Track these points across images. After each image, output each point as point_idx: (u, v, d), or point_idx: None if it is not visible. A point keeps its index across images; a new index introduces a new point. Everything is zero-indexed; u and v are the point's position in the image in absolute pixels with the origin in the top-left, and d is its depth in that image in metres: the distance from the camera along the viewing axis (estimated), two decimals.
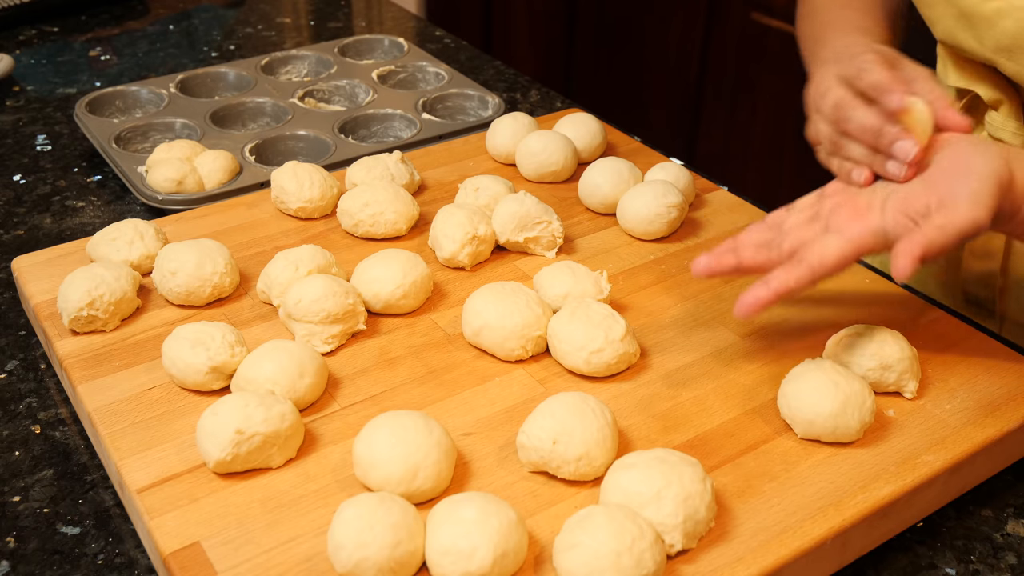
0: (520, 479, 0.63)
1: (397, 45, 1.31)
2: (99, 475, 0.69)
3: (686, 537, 0.57)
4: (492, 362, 0.73)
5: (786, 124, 2.09)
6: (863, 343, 0.69)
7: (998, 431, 0.67)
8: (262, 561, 0.57)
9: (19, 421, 0.73)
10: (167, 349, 0.69)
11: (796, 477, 0.63)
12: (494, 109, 1.14)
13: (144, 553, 0.63)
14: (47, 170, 1.06)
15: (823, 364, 0.67)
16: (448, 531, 0.55)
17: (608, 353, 0.70)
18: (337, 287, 0.73)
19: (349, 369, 0.72)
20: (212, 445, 0.61)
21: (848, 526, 0.60)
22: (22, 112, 1.19)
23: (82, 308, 0.73)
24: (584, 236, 0.88)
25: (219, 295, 0.78)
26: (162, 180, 0.95)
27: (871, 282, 0.82)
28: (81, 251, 0.83)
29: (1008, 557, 0.64)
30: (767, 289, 0.63)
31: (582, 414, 0.62)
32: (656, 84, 2.37)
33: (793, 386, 0.66)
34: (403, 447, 0.60)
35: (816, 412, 0.64)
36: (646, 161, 0.98)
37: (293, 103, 1.14)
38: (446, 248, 0.82)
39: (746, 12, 2.09)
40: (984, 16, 0.73)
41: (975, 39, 0.75)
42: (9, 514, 0.66)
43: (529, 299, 0.73)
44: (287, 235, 0.87)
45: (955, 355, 0.73)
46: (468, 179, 0.90)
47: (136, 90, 1.16)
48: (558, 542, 0.56)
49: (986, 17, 0.73)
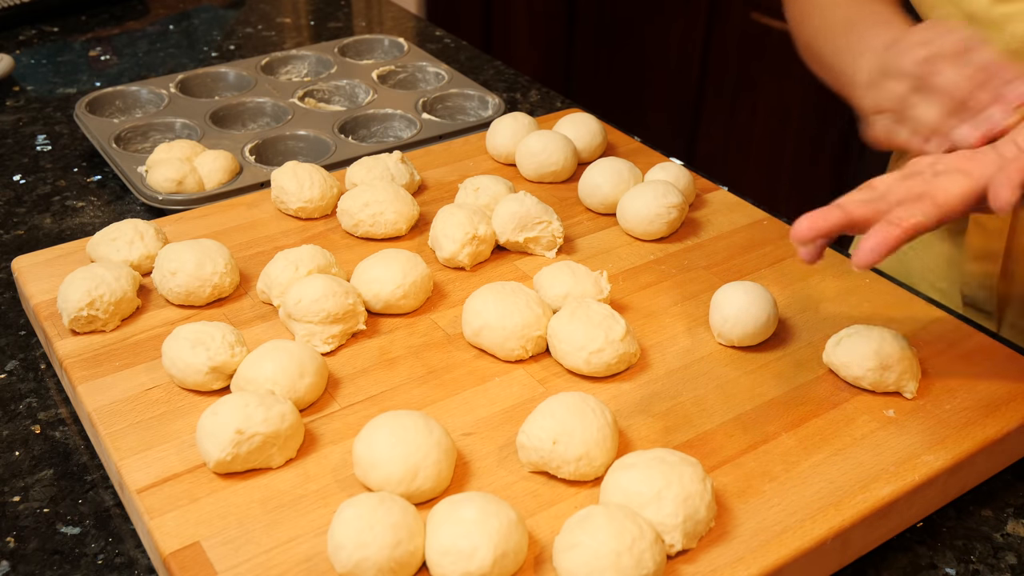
0: (520, 479, 0.63)
1: (397, 45, 1.31)
2: (99, 475, 0.69)
3: (686, 537, 0.57)
4: (492, 362, 0.73)
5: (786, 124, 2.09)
6: (863, 343, 0.69)
7: (998, 431, 0.67)
8: (262, 561, 0.57)
9: (19, 421, 0.73)
10: (167, 349, 0.69)
11: (796, 477, 0.63)
12: (494, 109, 1.14)
13: (144, 553, 0.63)
14: (47, 170, 1.06)
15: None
16: (448, 531, 0.55)
17: (608, 353, 0.70)
18: (337, 287, 0.73)
19: (349, 369, 0.72)
20: (212, 445, 0.61)
21: (848, 526, 0.60)
22: (22, 112, 1.19)
23: (82, 308, 0.73)
24: (584, 236, 0.88)
25: (219, 295, 0.78)
26: (162, 180, 0.95)
27: (871, 282, 0.82)
28: (81, 251, 0.83)
29: (1008, 557, 0.64)
30: (895, 228, 0.56)
31: (582, 414, 0.62)
32: (656, 84, 2.38)
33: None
34: (403, 447, 0.60)
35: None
36: (646, 161, 0.98)
37: (293, 103, 1.14)
38: (446, 248, 0.82)
39: (746, 12, 2.09)
40: (993, 20, 0.73)
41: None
42: (9, 514, 0.66)
43: (529, 299, 0.73)
44: (287, 235, 0.87)
45: (955, 355, 0.73)
46: (468, 179, 0.90)
47: (136, 90, 1.16)
48: (558, 542, 0.56)
49: (995, 21, 0.73)
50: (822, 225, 0.58)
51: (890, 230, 0.56)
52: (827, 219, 0.58)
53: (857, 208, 0.58)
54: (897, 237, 0.56)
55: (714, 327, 0.74)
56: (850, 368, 0.69)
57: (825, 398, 0.69)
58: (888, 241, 0.56)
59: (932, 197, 0.57)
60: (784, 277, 0.82)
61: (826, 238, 0.59)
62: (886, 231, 0.56)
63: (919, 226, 0.57)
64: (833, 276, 0.82)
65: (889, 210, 0.58)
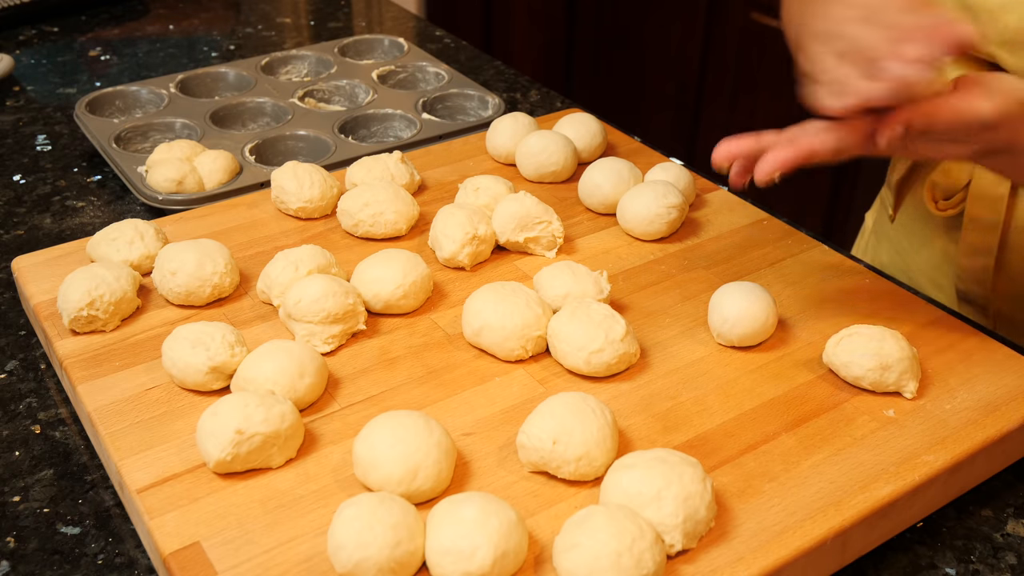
0: (520, 479, 0.63)
1: (397, 45, 1.31)
2: (99, 475, 0.69)
3: (686, 537, 0.57)
4: (492, 362, 0.73)
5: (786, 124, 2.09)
6: (863, 343, 0.69)
7: (998, 431, 0.67)
8: (262, 561, 0.57)
9: (19, 421, 0.73)
10: (167, 349, 0.69)
11: (796, 477, 0.63)
12: (494, 109, 1.14)
13: (144, 553, 0.63)
14: (47, 170, 1.06)
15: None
16: (448, 531, 0.55)
17: (608, 353, 0.70)
18: (337, 287, 0.73)
19: (349, 369, 0.72)
20: (212, 445, 0.61)
21: (848, 526, 0.60)
22: (22, 112, 1.19)
23: (82, 308, 0.73)
24: (584, 236, 0.88)
25: (219, 295, 0.78)
26: (162, 180, 0.95)
27: (871, 282, 0.82)
28: (81, 251, 0.83)
29: (1008, 557, 0.64)
30: (791, 146, 0.62)
31: (582, 414, 0.62)
32: (656, 84, 2.37)
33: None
34: (403, 447, 0.60)
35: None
36: (646, 161, 0.98)
37: (293, 103, 1.14)
38: (446, 248, 0.82)
39: (746, 12, 2.09)
40: (988, 9, 0.73)
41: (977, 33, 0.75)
42: (9, 514, 0.66)
43: (529, 299, 0.73)
44: (287, 235, 0.87)
45: (955, 355, 0.73)
46: (468, 179, 0.90)
47: (136, 90, 1.16)
48: (558, 542, 0.56)
49: (990, 11, 0.73)
50: (735, 148, 0.65)
51: (786, 149, 0.62)
52: (739, 143, 0.65)
53: (768, 135, 0.65)
54: (790, 156, 0.62)
55: (714, 327, 0.74)
56: (850, 368, 0.69)
57: (825, 398, 0.69)
58: (781, 159, 0.62)
59: (836, 129, 0.62)
60: (784, 277, 0.82)
61: (744, 160, 0.66)
62: (784, 150, 0.62)
63: (811, 147, 0.62)
64: (833, 276, 0.82)
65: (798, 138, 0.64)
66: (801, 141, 0.63)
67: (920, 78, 0.60)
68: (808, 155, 0.63)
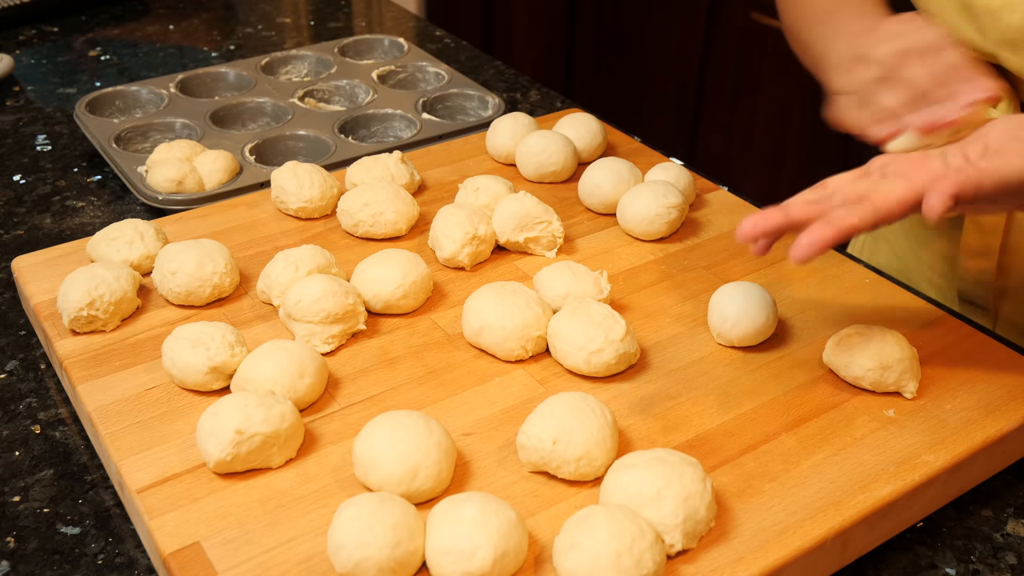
0: (520, 479, 0.63)
1: (397, 45, 1.31)
2: (99, 475, 0.69)
3: (686, 537, 0.57)
4: (492, 362, 0.73)
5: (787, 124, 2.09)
6: (863, 343, 0.69)
7: (998, 431, 0.67)
8: (262, 561, 0.57)
9: (19, 421, 0.73)
10: (167, 349, 0.69)
11: (796, 477, 0.63)
12: (494, 109, 1.14)
13: (144, 553, 0.63)
14: (47, 170, 1.06)
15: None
16: (448, 531, 0.55)
17: (608, 353, 0.70)
18: (337, 287, 0.73)
19: (349, 369, 0.72)
20: (212, 445, 0.61)
21: (848, 526, 0.60)
22: (22, 112, 1.19)
23: (82, 308, 0.73)
24: (584, 236, 0.88)
25: (219, 295, 0.78)
26: (162, 180, 0.95)
27: (871, 282, 0.82)
28: (81, 251, 0.83)
29: (1008, 557, 0.64)
30: (830, 228, 0.59)
31: (582, 414, 0.62)
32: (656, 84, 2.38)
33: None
34: (403, 447, 0.60)
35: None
36: (646, 161, 0.98)
37: (293, 103, 1.14)
38: (446, 248, 0.82)
39: (746, 12, 2.09)
40: (989, 9, 0.73)
41: (978, 32, 0.75)
42: (9, 514, 0.66)
43: (529, 299, 0.73)
44: (287, 235, 0.87)
45: (955, 355, 0.73)
46: (468, 179, 0.90)
47: (136, 90, 1.16)
48: (558, 542, 0.56)
49: (991, 10, 0.73)
50: (763, 226, 0.62)
51: (825, 230, 0.59)
52: (768, 221, 0.62)
53: (798, 210, 0.62)
54: (830, 236, 0.59)
55: (713, 327, 0.74)
56: (850, 368, 0.69)
57: (825, 398, 0.69)
58: (822, 240, 0.59)
59: (871, 200, 0.60)
60: (784, 277, 0.82)
61: (769, 238, 0.64)
62: (821, 231, 0.59)
63: (853, 227, 0.59)
64: (833, 276, 0.82)
65: (831, 211, 0.61)
66: (841, 223, 0.60)
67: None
68: (848, 234, 0.60)
